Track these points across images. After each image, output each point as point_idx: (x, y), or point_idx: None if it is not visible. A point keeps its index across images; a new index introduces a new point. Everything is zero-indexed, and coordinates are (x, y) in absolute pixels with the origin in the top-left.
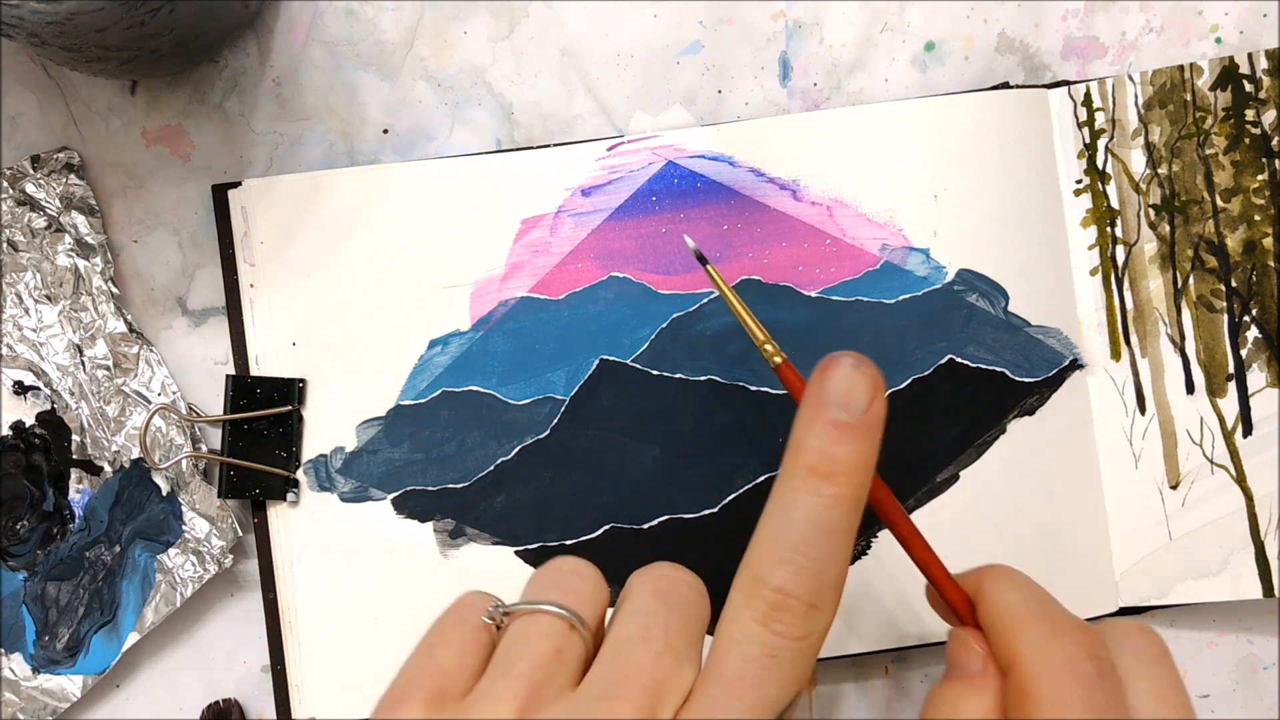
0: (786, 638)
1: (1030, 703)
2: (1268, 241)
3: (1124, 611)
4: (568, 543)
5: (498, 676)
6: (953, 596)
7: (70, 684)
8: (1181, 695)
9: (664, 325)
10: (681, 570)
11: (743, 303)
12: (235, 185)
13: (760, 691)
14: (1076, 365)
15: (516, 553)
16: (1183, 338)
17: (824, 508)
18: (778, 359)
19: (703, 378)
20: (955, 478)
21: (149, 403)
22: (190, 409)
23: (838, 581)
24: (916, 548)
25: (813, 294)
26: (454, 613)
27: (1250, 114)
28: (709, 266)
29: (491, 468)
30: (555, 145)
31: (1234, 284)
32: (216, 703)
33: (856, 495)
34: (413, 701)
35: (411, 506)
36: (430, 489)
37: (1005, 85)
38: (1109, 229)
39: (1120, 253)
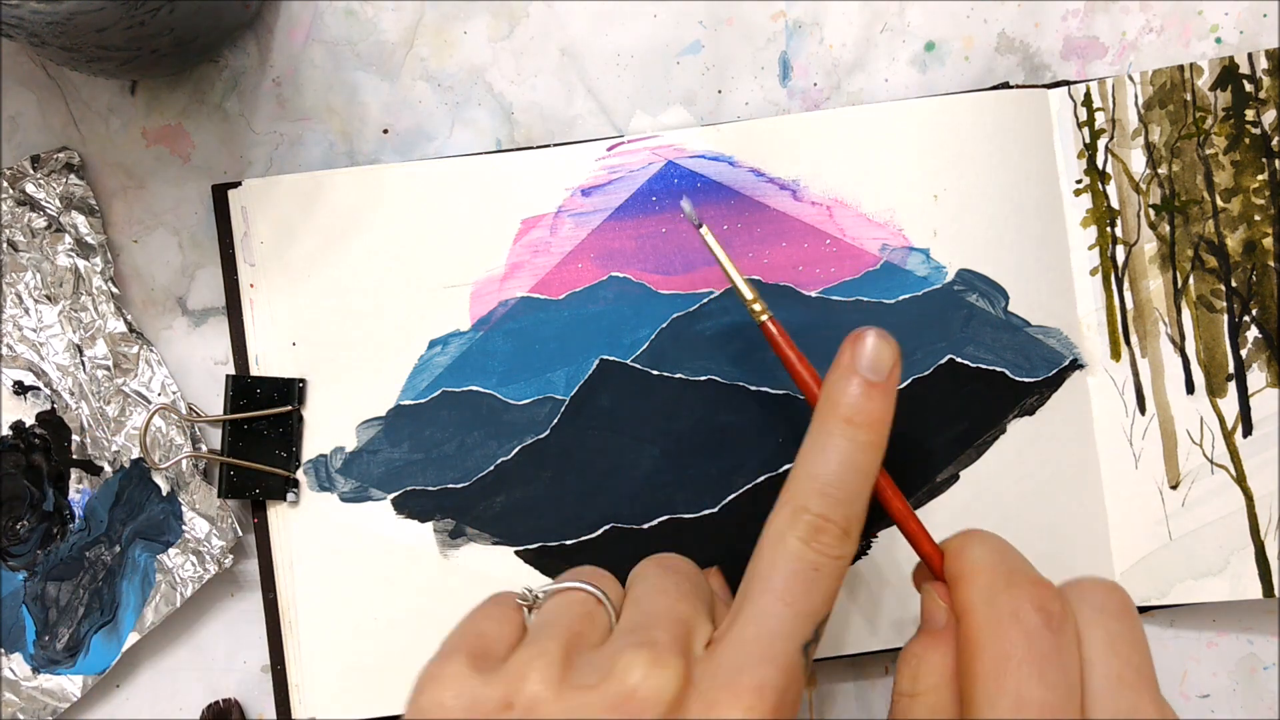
0: (826, 554)
1: (974, 651)
2: (1268, 241)
3: None
4: (568, 543)
5: (537, 635)
6: (926, 549)
7: (70, 684)
8: (1139, 650)
9: (664, 325)
10: (680, 556)
11: (732, 262)
12: (235, 185)
13: (807, 600)
14: (1076, 365)
15: (516, 553)
16: (1183, 338)
17: (856, 450)
18: (764, 316)
19: (703, 378)
20: (955, 478)
21: (149, 403)
22: (190, 409)
23: (863, 515)
24: (893, 500)
25: (813, 294)
26: (490, 598)
27: (1250, 114)
28: (703, 229)
29: (491, 468)
30: (555, 145)
31: (1234, 284)
32: (216, 703)
33: (880, 442)
34: (456, 660)
35: (411, 506)
36: (430, 489)
37: (1005, 85)
38: (1109, 229)
39: (1120, 253)
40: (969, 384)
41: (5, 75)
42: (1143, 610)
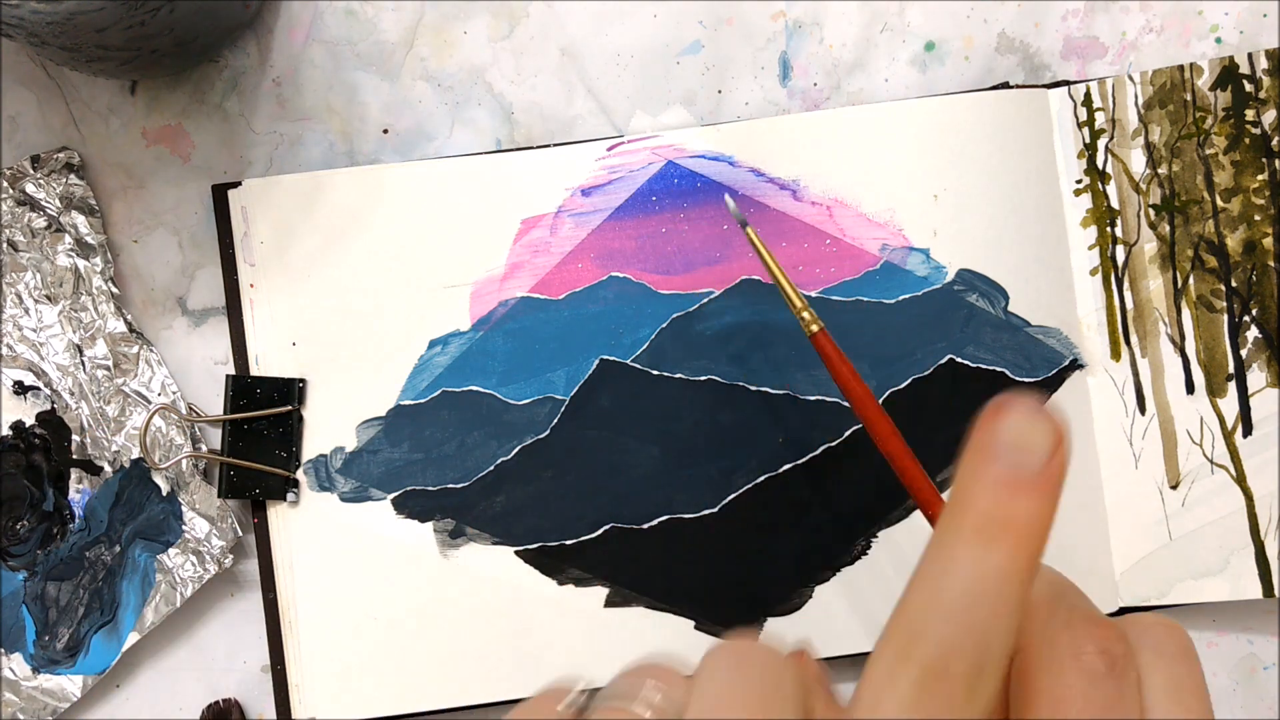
0: (946, 714)
1: (1029, 694)
2: (1268, 241)
3: (1124, 611)
4: (568, 543)
5: None
6: None
7: (70, 684)
8: (1200, 697)
9: (664, 325)
10: (758, 642)
11: (781, 267)
12: (235, 185)
13: None
14: (1076, 365)
15: (516, 553)
16: (1183, 338)
17: (992, 574)
18: (814, 327)
19: (703, 378)
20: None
21: (149, 403)
22: (190, 409)
23: (1003, 661)
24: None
25: (813, 294)
26: (535, 701)
27: (1250, 114)
28: (749, 229)
29: (491, 468)
30: (555, 145)
31: (1234, 284)
32: (216, 703)
33: (1030, 562)
34: None
35: (411, 506)
36: (430, 489)
37: (1005, 85)
38: (1109, 229)
39: (1120, 253)
40: (969, 384)
41: (5, 75)
42: (1142, 610)
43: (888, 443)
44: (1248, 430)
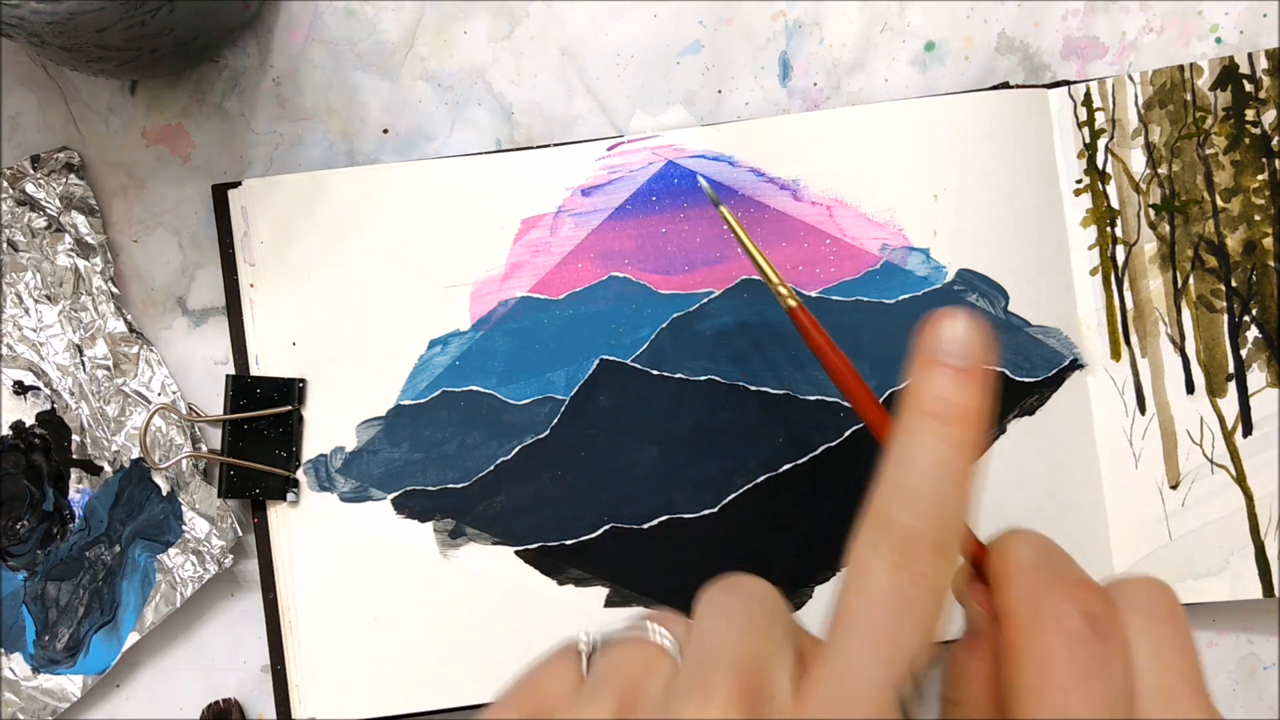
0: (918, 577)
1: (1013, 661)
2: (1268, 241)
3: None
4: (568, 543)
5: (590, 694)
6: (971, 547)
7: (70, 684)
8: (1187, 657)
9: (664, 325)
10: (749, 576)
11: (756, 245)
12: (235, 185)
13: (896, 639)
14: (1076, 365)
15: (516, 553)
16: (1183, 338)
17: (947, 451)
18: (791, 302)
19: (703, 378)
20: None
21: (149, 403)
22: (190, 409)
23: (960, 528)
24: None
25: (813, 294)
26: (552, 650)
27: (1250, 114)
28: (722, 208)
29: (491, 468)
30: (555, 145)
31: (1234, 284)
32: (216, 703)
33: (975, 441)
34: (510, 715)
35: (411, 506)
36: (430, 489)
37: (1005, 85)
38: (1109, 229)
39: (1120, 253)
40: None
41: (5, 75)
42: None
43: (873, 417)
44: (1248, 430)
